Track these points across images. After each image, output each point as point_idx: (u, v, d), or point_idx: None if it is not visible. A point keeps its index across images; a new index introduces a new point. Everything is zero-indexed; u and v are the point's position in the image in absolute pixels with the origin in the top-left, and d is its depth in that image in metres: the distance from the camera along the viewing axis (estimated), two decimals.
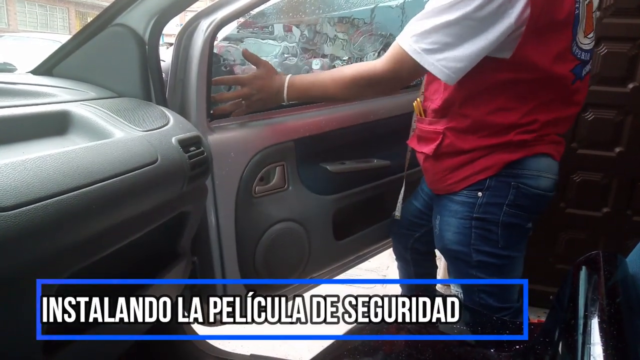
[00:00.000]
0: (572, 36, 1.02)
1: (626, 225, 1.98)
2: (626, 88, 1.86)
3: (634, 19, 1.79)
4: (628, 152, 1.91)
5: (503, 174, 1.10)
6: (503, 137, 1.07)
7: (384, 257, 2.56)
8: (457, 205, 1.16)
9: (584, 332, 0.62)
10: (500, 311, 1.19)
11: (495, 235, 1.13)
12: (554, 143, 1.12)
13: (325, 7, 1.57)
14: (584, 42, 1.07)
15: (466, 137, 1.10)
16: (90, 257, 0.74)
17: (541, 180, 1.10)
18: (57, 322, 0.71)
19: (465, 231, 1.15)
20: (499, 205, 1.11)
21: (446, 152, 1.14)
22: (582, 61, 1.07)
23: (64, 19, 20.60)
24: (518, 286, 1.23)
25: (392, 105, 1.58)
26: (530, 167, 1.09)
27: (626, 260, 0.81)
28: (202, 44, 1.08)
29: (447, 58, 0.96)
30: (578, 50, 1.05)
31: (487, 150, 1.10)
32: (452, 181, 1.16)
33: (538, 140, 1.08)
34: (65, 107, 0.88)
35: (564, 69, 1.04)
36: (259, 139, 1.24)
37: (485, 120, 1.08)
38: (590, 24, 1.08)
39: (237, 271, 1.27)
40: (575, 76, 1.06)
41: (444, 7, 0.94)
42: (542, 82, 1.04)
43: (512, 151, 1.08)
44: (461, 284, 1.23)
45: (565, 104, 1.09)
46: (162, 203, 0.89)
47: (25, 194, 0.58)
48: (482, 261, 1.15)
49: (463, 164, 1.13)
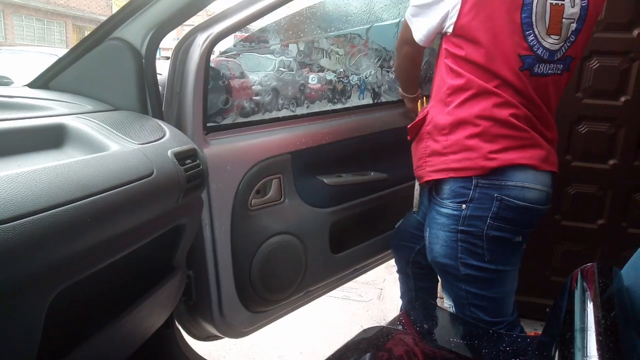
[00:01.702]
0: (520, 18, 1.04)
1: (621, 237, 1.99)
2: (618, 101, 1.88)
3: (624, 34, 1.82)
4: (621, 165, 1.93)
5: (485, 185, 1.09)
6: (465, 111, 1.11)
7: (380, 270, 2.56)
8: (443, 217, 1.16)
9: (580, 345, 0.62)
10: (492, 325, 1.17)
11: (481, 249, 1.12)
12: (530, 147, 1.10)
13: (323, 26, 1.58)
14: (547, 40, 1.08)
15: (440, 110, 1.16)
16: (85, 270, 0.73)
17: (526, 192, 1.09)
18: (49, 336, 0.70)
19: (452, 244, 1.15)
20: (482, 218, 1.10)
21: (426, 131, 1.19)
22: (537, 56, 1.08)
23: (62, 32, 20.69)
24: (512, 299, 1.22)
25: (388, 118, 1.59)
26: (513, 179, 1.08)
27: (621, 273, 0.82)
28: (199, 57, 1.09)
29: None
30: (536, 43, 1.06)
31: (458, 132, 1.12)
32: (429, 169, 1.18)
33: (509, 131, 1.08)
34: (61, 120, 0.88)
35: (509, 48, 1.06)
36: (256, 151, 1.24)
37: (448, 96, 1.14)
38: (556, 27, 1.08)
39: (232, 285, 1.26)
40: (524, 64, 1.07)
41: None
42: (486, 55, 1.07)
43: (488, 152, 1.09)
44: (452, 298, 1.22)
45: (516, 93, 1.09)
46: (158, 216, 0.89)
47: (20, 207, 0.58)
48: (469, 275, 1.15)
49: (439, 151, 1.16)
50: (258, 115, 1.36)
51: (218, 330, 1.30)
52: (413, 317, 1.17)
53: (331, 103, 1.58)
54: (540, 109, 1.12)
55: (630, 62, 1.84)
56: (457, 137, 1.12)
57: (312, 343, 2.00)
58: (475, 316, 1.19)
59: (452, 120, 1.13)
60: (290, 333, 2.02)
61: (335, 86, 1.60)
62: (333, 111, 1.54)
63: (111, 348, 0.92)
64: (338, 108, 1.57)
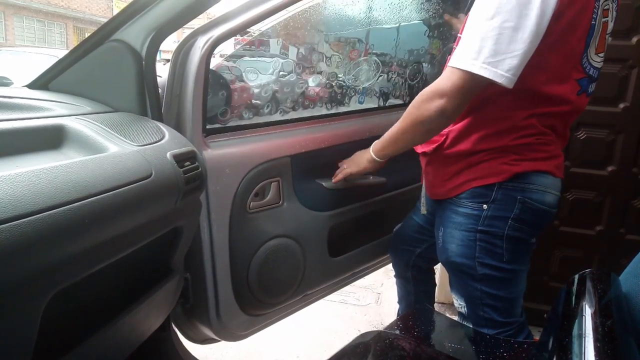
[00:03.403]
0: (584, 46, 1.04)
1: (620, 243, 1.99)
2: (617, 108, 1.89)
3: (624, 41, 1.83)
4: (620, 171, 1.93)
5: (509, 187, 1.10)
6: (500, 140, 1.09)
7: (378, 274, 2.55)
8: (461, 217, 1.16)
9: (578, 351, 0.62)
10: (504, 326, 1.18)
11: (500, 249, 1.13)
12: (553, 158, 1.12)
13: (323, 29, 1.59)
14: (595, 60, 1.09)
15: (466, 139, 1.13)
16: (82, 272, 0.73)
17: (547, 196, 1.11)
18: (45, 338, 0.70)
19: (470, 244, 1.15)
20: (504, 219, 1.11)
21: (447, 154, 1.16)
22: (589, 76, 1.09)
23: (62, 34, 20.72)
24: (522, 300, 1.23)
25: (387, 122, 1.59)
26: (536, 182, 1.10)
27: (619, 279, 0.82)
28: (199, 60, 1.09)
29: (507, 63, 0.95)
30: (588, 64, 1.07)
31: (485, 155, 1.11)
32: (451, 186, 1.17)
33: (535, 150, 1.09)
34: (60, 121, 0.88)
35: (562, 89, 1.05)
36: (255, 154, 1.24)
37: (484, 124, 1.10)
38: (603, 44, 1.10)
39: (230, 287, 1.26)
40: (581, 87, 1.08)
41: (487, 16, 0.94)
42: (538, 96, 1.05)
43: (511, 159, 1.09)
44: (465, 298, 1.22)
45: (562, 116, 1.10)
46: (156, 218, 0.89)
47: (18, 208, 0.58)
48: (486, 274, 1.15)
49: (462, 169, 1.14)
50: (257, 118, 1.36)
51: (215, 333, 1.30)
52: (411, 322, 1.17)
53: (330, 107, 1.58)
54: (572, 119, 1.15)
55: (629, 69, 1.85)
56: (481, 158, 1.12)
57: (309, 347, 2.00)
58: (488, 316, 1.18)
59: (478, 148, 1.11)
60: (288, 337, 2.02)
61: (334, 90, 1.61)
62: (332, 115, 1.54)
63: (107, 350, 0.92)
64: (337, 112, 1.57)
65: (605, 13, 1.07)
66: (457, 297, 1.25)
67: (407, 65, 1.81)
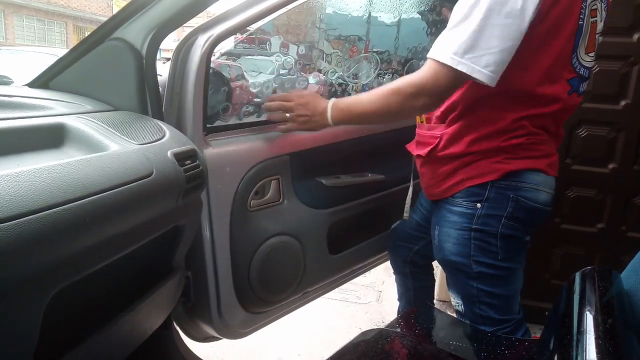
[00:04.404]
0: (573, 46, 1.05)
1: (621, 241, 1.99)
2: (618, 105, 1.88)
3: (625, 38, 1.83)
4: (621, 169, 1.93)
5: (502, 186, 1.11)
6: (491, 142, 1.10)
7: (379, 273, 2.56)
8: (456, 216, 1.17)
9: (579, 349, 0.62)
10: (501, 323, 1.19)
11: (495, 247, 1.13)
12: (546, 156, 1.13)
13: (324, 27, 1.59)
14: (585, 59, 1.09)
15: (458, 142, 1.14)
16: (84, 270, 0.73)
17: (540, 194, 1.12)
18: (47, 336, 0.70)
19: (465, 242, 1.15)
20: (497, 217, 1.12)
21: (441, 156, 1.17)
22: (580, 76, 1.09)
23: (62, 33, 20.70)
24: (519, 298, 1.23)
25: None
26: (529, 181, 1.10)
27: (621, 276, 0.81)
28: (199, 58, 1.09)
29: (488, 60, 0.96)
30: (578, 64, 1.08)
31: (478, 156, 1.12)
32: (446, 186, 1.18)
33: (528, 149, 1.09)
34: (60, 120, 0.88)
35: (553, 89, 1.06)
36: (255, 152, 1.24)
37: (476, 126, 1.11)
38: (592, 44, 1.10)
39: (231, 286, 1.26)
40: (572, 87, 1.08)
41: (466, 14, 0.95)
42: (529, 97, 1.06)
43: (503, 158, 1.10)
44: (462, 296, 1.23)
45: (553, 116, 1.11)
46: (157, 216, 0.89)
47: (18, 206, 0.58)
48: (482, 272, 1.16)
49: (456, 169, 1.15)
50: (258, 117, 1.36)
51: (216, 331, 1.30)
52: (412, 320, 1.17)
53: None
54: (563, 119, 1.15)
55: (630, 67, 1.84)
56: (474, 158, 1.13)
57: (311, 345, 2.00)
58: (485, 314, 1.19)
59: (471, 150, 1.12)
60: (289, 335, 2.02)
61: (335, 87, 1.60)
62: None
63: (109, 349, 0.92)
64: None
65: (593, 13, 1.07)
66: (454, 295, 1.26)
67: (406, 62, 1.81)
